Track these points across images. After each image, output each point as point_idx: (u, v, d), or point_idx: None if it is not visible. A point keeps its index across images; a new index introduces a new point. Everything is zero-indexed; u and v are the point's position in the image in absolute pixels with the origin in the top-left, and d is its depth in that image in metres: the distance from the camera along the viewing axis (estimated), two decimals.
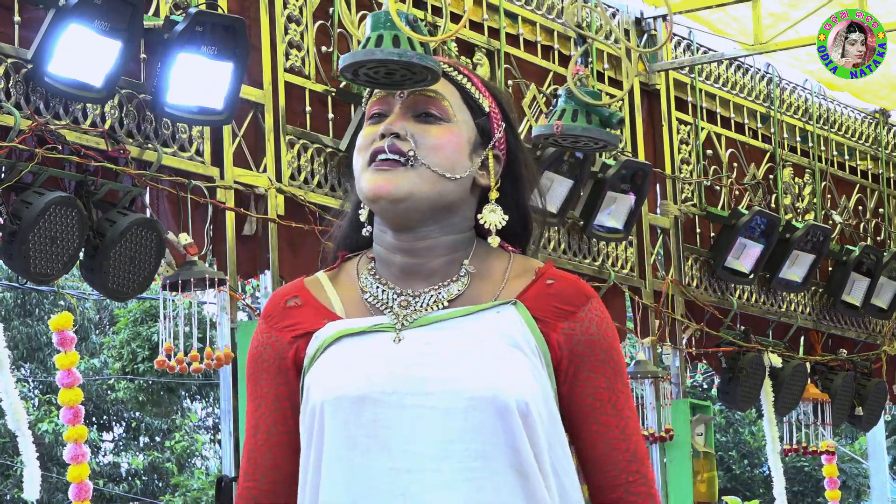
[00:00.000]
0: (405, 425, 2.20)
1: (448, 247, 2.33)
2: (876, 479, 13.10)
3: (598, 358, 2.31)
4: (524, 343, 2.27)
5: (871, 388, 8.87)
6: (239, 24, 5.30)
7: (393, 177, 2.27)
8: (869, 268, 8.71)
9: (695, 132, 7.94)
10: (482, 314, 2.29)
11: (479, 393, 2.20)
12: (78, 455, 5.36)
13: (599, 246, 7.24)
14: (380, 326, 2.28)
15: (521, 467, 2.20)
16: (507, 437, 2.20)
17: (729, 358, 7.93)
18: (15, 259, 4.82)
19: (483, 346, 2.25)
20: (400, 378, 2.22)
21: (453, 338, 2.26)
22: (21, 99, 4.92)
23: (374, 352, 2.25)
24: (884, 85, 8.74)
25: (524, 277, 2.35)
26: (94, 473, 19.76)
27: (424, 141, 2.30)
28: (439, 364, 2.23)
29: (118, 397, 19.26)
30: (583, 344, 2.31)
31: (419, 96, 2.34)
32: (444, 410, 2.20)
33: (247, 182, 5.65)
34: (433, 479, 2.18)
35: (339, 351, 2.27)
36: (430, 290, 2.31)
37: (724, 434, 22.19)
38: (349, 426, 2.20)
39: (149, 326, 17.97)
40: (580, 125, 4.54)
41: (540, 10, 7.03)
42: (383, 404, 2.21)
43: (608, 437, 2.30)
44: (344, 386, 2.22)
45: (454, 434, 2.19)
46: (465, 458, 2.19)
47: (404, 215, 2.29)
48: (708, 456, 7.55)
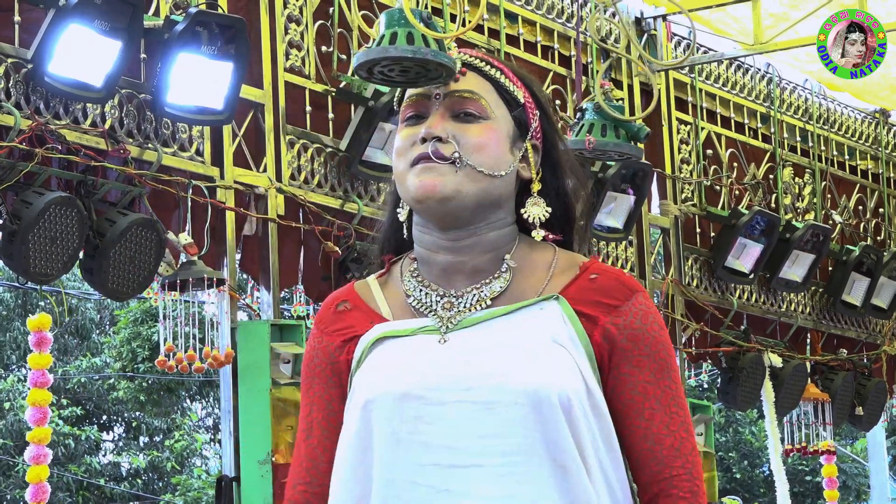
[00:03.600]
0: (447, 421, 2.21)
1: (492, 243, 2.33)
2: (876, 479, 13.10)
3: (643, 352, 2.30)
4: (567, 338, 2.27)
5: (871, 388, 8.88)
6: (239, 24, 5.30)
7: (440, 175, 2.27)
8: (869, 268, 8.71)
9: (695, 132, 7.95)
10: (525, 310, 2.28)
11: (520, 387, 2.20)
12: (39, 456, 5.36)
13: (599, 246, 7.24)
14: (425, 329, 2.29)
15: (563, 461, 2.20)
16: (548, 431, 2.20)
17: (729, 358, 7.93)
18: (15, 259, 4.82)
19: (525, 342, 2.25)
20: (442, 375, 2.23)
21: (497, 337, 2.26)
22: (21, 99, 4.92)
23: (419, 353, 2.26)
24: (884, 85, 8.74)
25: (569, 272, 2.34)
26: (95, 473, 19.76)
27: (467, 141, 2.30)
28: (481, 361, 2.24)
29: (118, 397, 19.26)
30: (626, 338, 2.29)
31: (456, 97, 2.33)
32: (485, 405, 2.21)
33: (247, 182, 5.65)
34: (475, 473, 2.19)
35: (383, 352, 2.28)
36: (473, 290, 2.31)
37: (724, 434, 22.19)
38: (393, 423, 2.22)
39: (149, 326, 17.98)
40: (611, 140, 4.59)
41: (540, 10, 7.03)
42: (426, 401, 2.22)
43: (652, 431, 2.29)
44: (387, 384, 2.24)
45: (495, 429, 2.20)
46: (506, 452, 2.19)
47: (452, 213, 2.29)
48: (708, 456, 7.55)
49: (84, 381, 20.00)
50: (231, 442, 5.55)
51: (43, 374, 5.30)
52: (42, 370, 5.29)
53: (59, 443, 19.24)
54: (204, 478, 20.48)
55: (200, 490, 19.80)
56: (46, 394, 5.37)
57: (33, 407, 5.38)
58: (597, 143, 4.56)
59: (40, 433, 5.40)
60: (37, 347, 5.29)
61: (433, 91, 2.34)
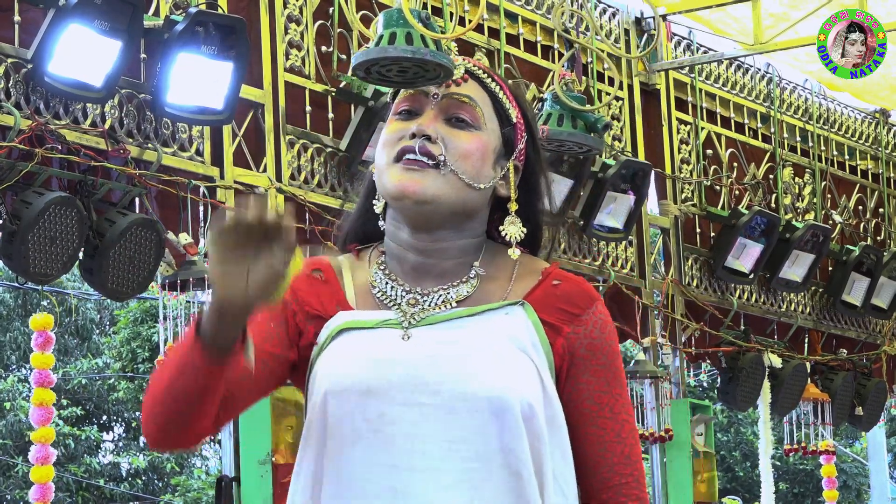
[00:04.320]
0: (410, 422, 2.20)
1: (460, 250, 2.34)
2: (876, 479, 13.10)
3: (600, 362, 2.32)
4: (530, 345, 2.28)
5: (871, 388, 8.88)
6: (239, 24, 5.30)
7: (421, 178, 2.27)
8: (869, 268, 8.71)
9: (695, 132, 7.95)
10: (491, 315, 2.29)
11: (485, 394, 2.21)
12: (45, 456, 5.36)
13: (599, 246, 7.24)
14: (388, 323, 2.28)
15: (519, 470, 2.21)
16: (506, 439, 2.20)
17: (729, 358, 7.93)
18: (15, 259, 4.82)
19: (491, 348, 2.25)
20: (408, 375, 2.22)
21: (462, 338, 2.26)
22: (21, 99, 4.92)
23: (383, 347, 2.25)
24: (884, 85, 8.74)
25: (531, 277, 2.35)
26: (95, 473, 19.76)
27: (455, 146, 2.30)
28: (448, 363, 2.24)
29: (118, 397, 19.26)
30: (585, 347, 2.32)
31: (452, 100, 2.33)
32: (449, 409, 2.21)
33: (247, 182, 5.65)
34: (433, 477, 2.19)
35: (346, 343, 2.27)
36: (439, 290, 2.32)
37: (726, 434, 22.19)
38: (354, 419, 2.21)
39: (149, 326, 17.98)
40: (566, 130, 4.56)
41: (540, 10, 7.03)
42: (390, 400, 2.21)
43: (604, 439, 2.31)
44: (351, 378, 2.22)
45: (457, 434, 2.20)
46: (465, 458, 2.20)
47: (426, 217, 2.29)
48: (708, 456, 7.55)
49: (84, 381, 20.01)
50: (231, 442, 5.55)
51: (47, 374, 5.31)
52: (46, 370, 5.30)
53: (60, 443, 19.24)
54: (204, 478, 20.48)
55: (200, 490, 19.81)
56: (50, 393, 5.38)
57: (37, 407, 5.39)
58: (550, 133, 4.54)
59: (45, 433, 5.40)
60: (40, 348, 5.29)
61: (431, 90, 2.34)
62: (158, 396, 2.19)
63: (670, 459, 7.46)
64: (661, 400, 7.33)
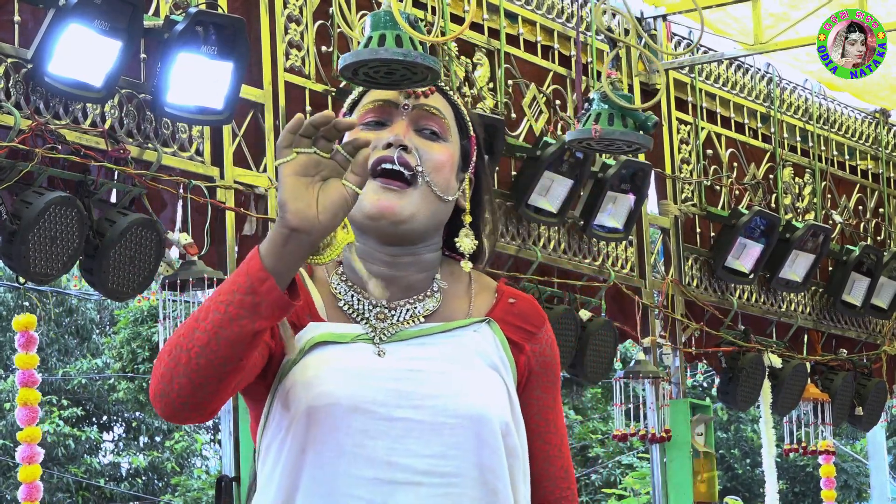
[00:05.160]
0: (392, 437, 2.21)
1: (428, 263, 2.34)
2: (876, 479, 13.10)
3: (549, 378, 2.39)
4: (500, 363, 2.31)
5: (871, 388, 8.88)
6: (239, 24, 5.30)
7: (399, 198, 2.27)
8: (869, 268, 8.71)
9: (695, 132, 7.95)
10: (460, 332, 2.31)
11: (467, 411, 2.23)
12: (31, 455, 5.36)
13: (599, 246, 7.24)
14: (360, 337, 2.28)
15: (495, 486, 2.24)
16: (484, 455, 2.23)
17: (729, 358, 7.93)
18: (15, 259, 4.82)
19: (465, 365, 2.28)
20: (390, 391, 2.22)
21: (437, 355, 2.28)
22: (21, 99, 4.92)
23: (361, 363, 2.25)
24: (884, 85, 8.74)
25: (486, 294, 2.38)
26: (95, 473, 19.76)
27: (429, 158, 2.31)
28: (427, 380, 2.25)
29: (118, 397, 19.26)
30: (540, 365, 2.38)
31: (422, 111, 2.34)
32: (431, 426, 2.22)
33: (247, 182, 5.65)
34: (414, 491, 2.20)
35: (323, 357, 2.25)
36: (406, 304, 2.32)
37: (726, 432, 22.19)
38: (338, 434, 2.20)
39: (149, 326, 17.98)
40: (618, 129, 4.56)
41: (540, 9, 7.03)
42: (373, 416, 2.21)
43: (549, 454, 2.37)
44: (335, 394, 2.21)
45: (438, 449, 2.22)
46: (445, 473, 2.21)
47: (400, 234, 2.29)
48: (708, 456, 7.55)
49: (84, 381, 20.00)
50: (231, 442, 5.55)
51: (31, 374, 5.31)
52: (30, 370, 5.30)
53: (59, 443, 19.24)
54: (204, 478, 20.48)
55: (200, 490, 19.81)
56: (35, 393, 5.38)
57: (23, 407, 5.39)
58: (603, 132, 4.54)
59: (32, 432, 5.41)
60: (23, 348, 5.30)
61: (402, 101, 2.34)
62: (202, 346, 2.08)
63: (670, 459, 7.46)
64: (661, 400, 7.33)
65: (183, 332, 2.10)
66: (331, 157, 2.10)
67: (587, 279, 7.14)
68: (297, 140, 2.11)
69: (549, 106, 6.96)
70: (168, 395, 2.12)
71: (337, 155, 2.10)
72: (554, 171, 6.66)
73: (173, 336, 2.13)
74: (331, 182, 2.09)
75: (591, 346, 6.84)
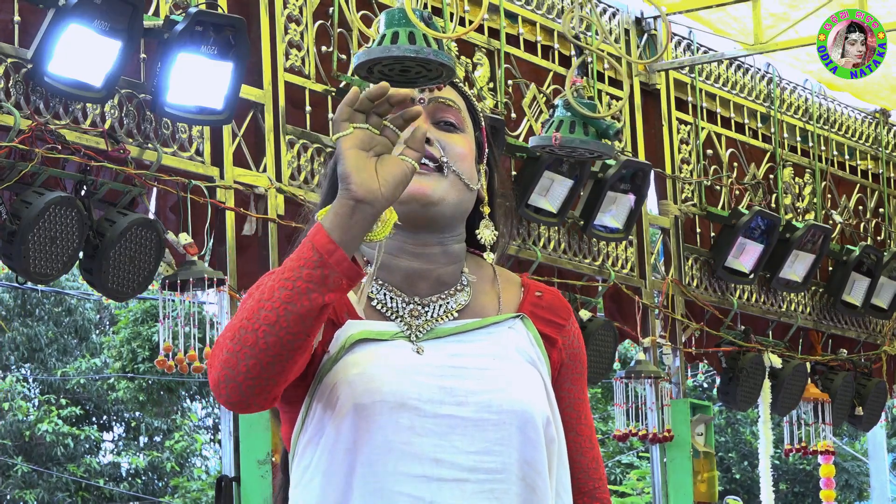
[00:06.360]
0: (438, 434, 2.22)
1: (455, 254, 2.34)
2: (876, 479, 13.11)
3: (578, 370, 2.41)
4: (536, 359, 2.32)
5: (871, 388, 8.88)
6: (239, 24, 5.30)
7: (429, 181, 2.28)
8: (869, 268, 8.71)
9: (695, 132, 7.95)
10: (495, 328, 2.32)
11: (511, 407, 2.24)
12: None
13: (599, 246, 7.24)
14: (399, 335, 2.28)
15: (534, 482, 2.25)
16: (527, 451, 2.24)
17: (729, 358, 7.93)
18: (15, 259, 4.82)
19: (506, 362, 2.28)
20: (434, 388, 2.23)
21: (476, 351, 2.29)
22: (21, 99, 4.92)
23: (403, 360, 2.26)
24: (884, 85, 8.75)
25: (513, 288, 2.39)
26: (95, 473, 19.76)
27: (451, 149, 2.32)
28: (469, 376, 2.26)
29: (118, 397, 19.26)
30: (570, 357, 2.39)
31: (439, 104, 2.35)
32: (475, 422, 2.23)
33: (247, 182, 5.65)
34: (460, 488, 2.21)
35: (365, 354, 2.26)
36: (438, 300, 2.32)
37: (724, 434, 22.19)
38: (387, 432, 2.21)
39: (149, 326, 17.98)
40: (578, 137, 4.57)
41: (540, 9, 7.03)
42: (420, 413, 2.22)
43: (582, 445, 2.39)
44: (381, 392, 2.22)
45: (483, 446, 2.23)
46: (490, 469, 2.23)
47: (430, 218, 2.29)
48: (708, 456, 7.55)
49: (84, 381, 20.00)
50: (231, 442, 5.55)
51: None
52: None
53: (59, 443, 19.24)
54: (204, 478, 20.48)
55: (200, 491, 19.81)
56: None
57: None
58: (563, 140, 4.55)
59: None
60: None
61: (417, 95, 2.34)
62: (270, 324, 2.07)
63: (670, 459, 7.46)
64: (661, 400, 7.33)
65: (245, 315, 2.10)
66: (380, 132, 2.12)
67: (587, 279, 7.15)
68: (353, 114, 2.11)
69: (549, 106, 6.96)
70: (234, 380, 2.11)
71: (386, 130, 2.12)
72: (554, 171, 6.66)
73: (233, 322, 2.12)
74: (387, 157, 2.11)
75: (591, 347, 6.84)
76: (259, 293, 2.11)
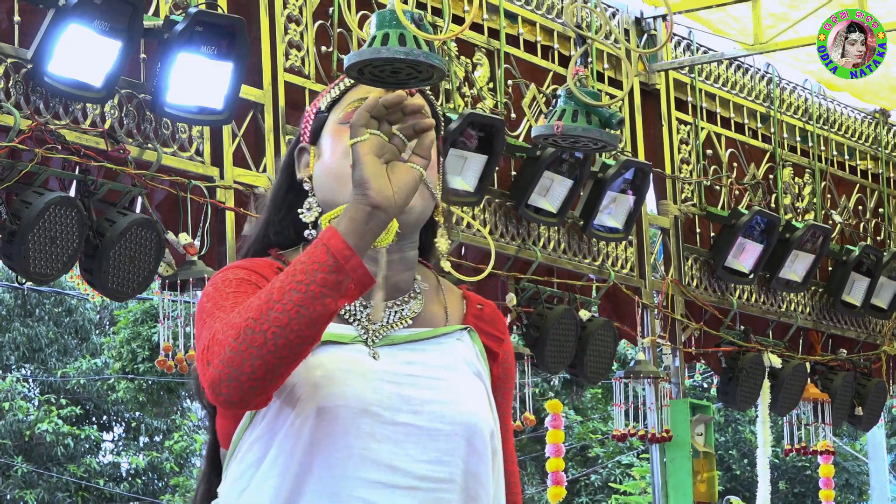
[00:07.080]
0: (394, 441, 2.23)
1: (411, 261, 2.35)
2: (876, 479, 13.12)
3: (509, 385, 2.44)
4: (482, 371, 2.34)
5: (871, 388, 8.88)
6: (239, 24, 5.30)
7: None
8: (869, 268, 8.71)
9: (695, 132, 7.95)
10: (445, 339, 2.33)
11: (460, 419, 2.26)
12: None
13: (599, 246, 7.24)
14: (357, 339, 2.29)
15: (477, 493, 2.27)
16: (472, 462, 2.27)
17: (729, 358, 7.93)
18: (15, 259, 4.82)
19: (455, 373, 2.30)
20: (394, 395, 2.24)
21: (429, 361, 2.30)
22: (21, 99, 4.92)
23: (364, 365, 2.26)
24: (884, 85, 8.74)
25: (456, 298, 2.41)
26: (95, 473, 19.76)
27: None
28: (424, 386, 2.27)
29: (118, 397, 19.26)
30: (505, 371, 2.42)
31: None
32: (428, 431, 2.25)
33: (247, 182, 5.65)
34: (411, 496, 2.22)
35: (327, 357, 2.25)
36: (394, 306, 2.33)
37: (724, 433, 22.20)
38: (348, 437, 2.21)
39: (149, 326, 17.98)
40: (580, 126, 4.54)
41: (540, 10, 7.03)
42: (380, 419, 2.23)
43: (507, 459, 2.39)
44: (345, 396, 2.22)
45: (435, 455, 2.24)
46: (439, 479, 2.24)
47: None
48: (708, 456, 7.55)
49: (84, 381, 20.01)
50: None
51: None
52: None
53: (59, 443, 19.25)
54: None
55: None
56: None
57: None
58: (565, 128, 4.53)
59: None
60: None
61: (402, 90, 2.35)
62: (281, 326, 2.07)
63: (670, 459, 7.46)
64: (660, 400, 7.33)
65: (252, 315, 2.08)
66: (389, 140, 2.13)
67: (587, 279, 7.15)
68: (370, 121, 2.12)
69: (548, 106, 6.96)
70: (237, 380, 2.09)
71: (395, 138, 2.13)
72: (554, 171, 6.66)
73: (234, 320, 2.11)
74: (397, 164, 2.12)
75: (591, 347, 6.84)
76: (267, 294, 2.10)
